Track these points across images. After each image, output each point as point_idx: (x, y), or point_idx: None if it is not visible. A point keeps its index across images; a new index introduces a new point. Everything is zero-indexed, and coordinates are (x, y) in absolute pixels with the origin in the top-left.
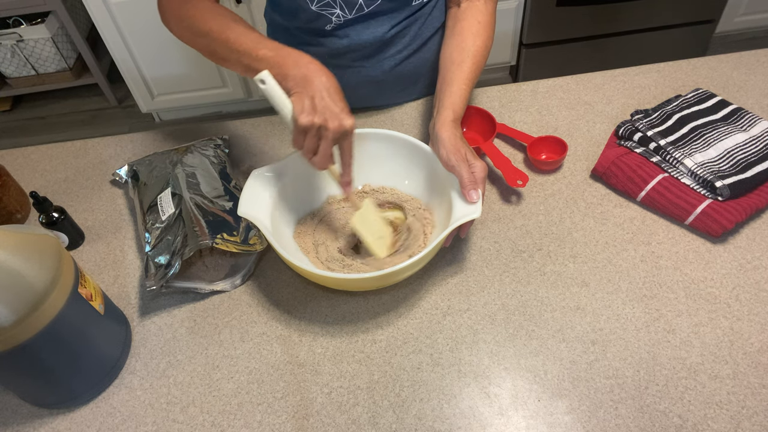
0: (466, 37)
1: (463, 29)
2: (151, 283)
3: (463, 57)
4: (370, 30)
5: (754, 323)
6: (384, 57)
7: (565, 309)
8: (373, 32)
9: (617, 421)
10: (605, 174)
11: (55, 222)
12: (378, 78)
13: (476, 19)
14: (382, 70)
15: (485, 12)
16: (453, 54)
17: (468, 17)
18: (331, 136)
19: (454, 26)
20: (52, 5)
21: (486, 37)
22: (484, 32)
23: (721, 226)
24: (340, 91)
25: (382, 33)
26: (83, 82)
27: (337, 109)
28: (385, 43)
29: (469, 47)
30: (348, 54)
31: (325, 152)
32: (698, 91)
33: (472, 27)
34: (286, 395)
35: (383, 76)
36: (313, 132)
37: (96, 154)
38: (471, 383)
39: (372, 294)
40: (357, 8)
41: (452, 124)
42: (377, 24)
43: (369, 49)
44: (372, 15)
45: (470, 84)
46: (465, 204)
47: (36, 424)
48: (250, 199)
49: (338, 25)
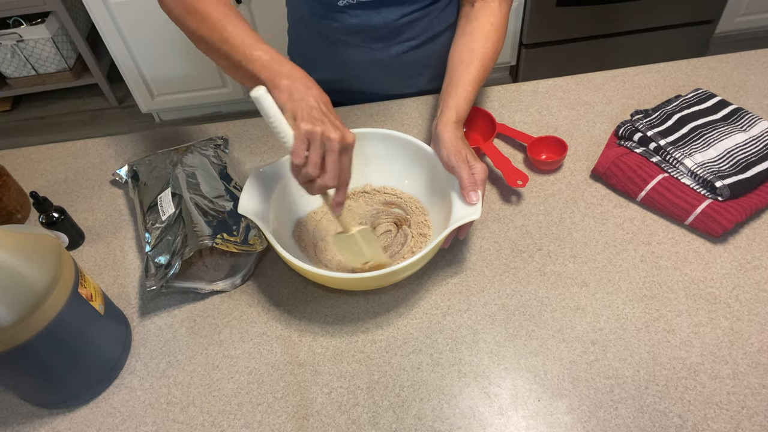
0: (476, 38)
1: (475, 30)
2: (151, 283)
3: (471, 58)
4: (381, 15)
5: (754, 323)
6: (393, 43)
7: (565, 309)
8: (383, 17)
9: (617, 421)
10: (605, 174)
11: (55, 222)
12: (384, 62)
13: (489, 20)
14: (389, 55)
15: (498, 14)
16: (462, 54)
17: (480, 18)
18: (337, 147)
19: (466, 26)
20: (52, 5)
21: (496, 40)
22: (495, 35)
23: (721, 226)
24: (332, 108)
25: (392, 19)
26: (83, 82)
27: (338, 123)
28: (395, 30)
29: (478, 49)
30: (357, 34)
31: (334, 165)
32: (698, 91)
33: (483, 28)
34: (286, 395)
35: (389, 62)
36: (318, 142)
37: (96, 154)
38: (471, 383)
39: (372, 294)
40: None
41: (454, 125)
42: (387, 11)
43: (378, 32)
44: (383, 2)
45: (476, 86)
46: (464, 205)
47: (36, 424)
48: (251, 198)
49: (350, 3)
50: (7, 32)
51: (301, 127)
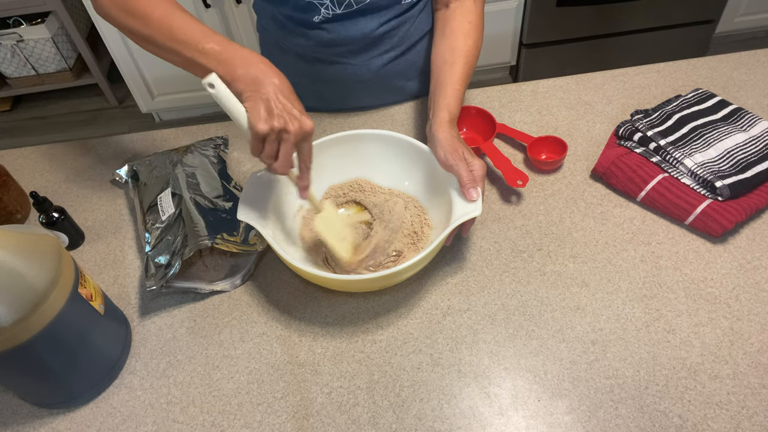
0: (457, 37)
1: (454, 30)
2: (151, 283)
3: (455, 57)
4: (358, 27)
5: (754, 323)
6: (371, 56)
7: (565, 309)
8: (361, 29)
9: (617, 421)
10: (605, 174)
11: (55, 222)
12: (365, 77)
13: (466, 19)
14: (369, 69)
15: (474, 12)
16: (445, 55)
17: (458, 17)
18: (293, 140)
19: (444, 27)
20: (52, 5)
21: (476, 37)
22: (474, 32)
23: (721, 226)
24: (293, 92)
25: (370, 30)
26: (83, 82)
27: (296, 111)
28: (373, 41)
29: (460, 47)
30: (335, 47)
31: (286, 156)
32: (698, 91)
33: (462, 27)
34: (286, 395)
35: (370, 75)
36: (273, 137)
37: (96, 154)
38: (471, 383)
39: (372, 294)
40: (346, 4)
41: (448, 124)
42: (365, 21)
43: (356, 45)
44: (360, 12)
45: (464, 84)
46: (465, 203)
47: (36, 424)
48: (250, 204)
49: (326, 18)
50: (7, 32)
51: (257, 128)
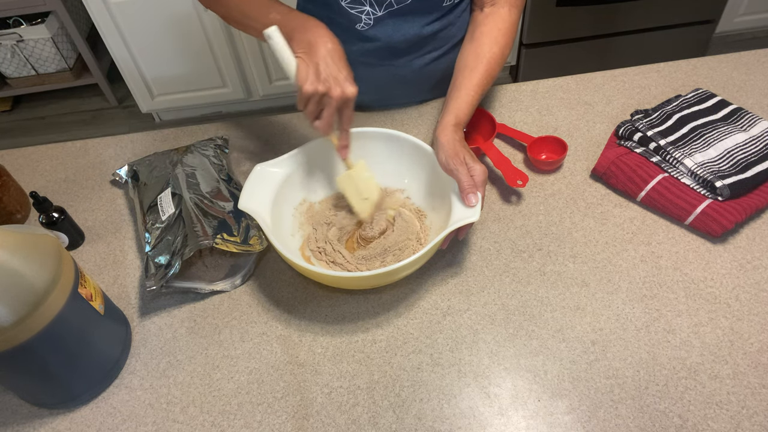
0: (483, 42)
1: (483, 35)
2: (151, 283)
3: (477, 63)
4: (402, 32)
5: (754, 323)
6: (414, 57)
7: (565, 309)
8: (404, 33)
9: (617, 421)
10: (605, 174)
11: (55, 222)
12: (407, 77)
13: (497, 25)
14: (411, 70)
15: (507, 20)
16: (468, 59)
17: (489, 23)
18: (334, 104)
19: (474, 30)
20: (52, 5)
21: (504, 45)
22: (502, 39)
23: (721, 226)
24: (344, 57)
25: (413, 33)
26: (83, 82)
27: (341, 77)
28: (417, 43)
29: (485, 53)
30: (378, 52)
31: (328, 119)
32: (698, 91)
33: (491, 33)
34: (286, 395)
35: (412, 75)
36: (316, 98)
37: (96, 154)
38: (471, 383)
39: (372, 294)
40: (386, 4)
41: (453, 128)
42: (409, 25)
43: (400, 47)
44: (402, 13)
45: (480, 90)
46: (464, 207)
47: (36, 424)
48: (252, 195)
49: (369, 25)
50: (7, 32)
51: (304, 88)
